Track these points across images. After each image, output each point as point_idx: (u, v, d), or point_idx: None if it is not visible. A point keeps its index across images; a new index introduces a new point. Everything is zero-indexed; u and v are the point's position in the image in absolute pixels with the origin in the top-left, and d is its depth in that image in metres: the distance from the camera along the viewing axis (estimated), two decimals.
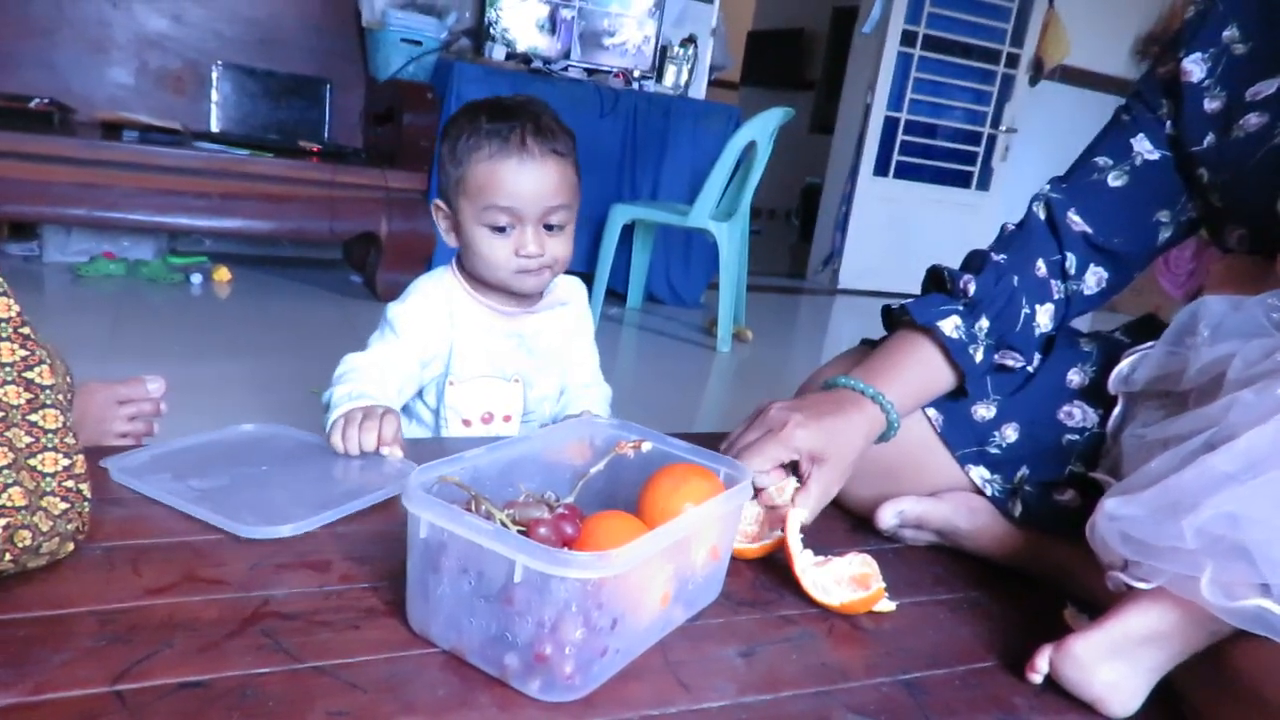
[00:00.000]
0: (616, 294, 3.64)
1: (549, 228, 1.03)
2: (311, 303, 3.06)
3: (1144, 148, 0.93)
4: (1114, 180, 0.93)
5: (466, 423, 1.10)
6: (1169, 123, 0.92)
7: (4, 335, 0.61)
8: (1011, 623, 0.80)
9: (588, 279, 1.88)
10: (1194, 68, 0.90)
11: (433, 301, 1.07)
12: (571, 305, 1.17)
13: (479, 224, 1.02)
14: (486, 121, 1.01)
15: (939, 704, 0.66)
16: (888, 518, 0.90)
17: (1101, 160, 0.95)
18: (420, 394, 1.12)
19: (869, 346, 0.98)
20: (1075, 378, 0.92)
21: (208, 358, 2.35)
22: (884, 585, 0.77)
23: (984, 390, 0.92)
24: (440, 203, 1.08)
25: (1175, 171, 0.92)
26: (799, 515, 0.80)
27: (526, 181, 1.00)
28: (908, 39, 4.57)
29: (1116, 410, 0.86)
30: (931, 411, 0.92)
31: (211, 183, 2.82)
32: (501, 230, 1.02)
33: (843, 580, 0.77)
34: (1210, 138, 0.89)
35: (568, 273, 1.22)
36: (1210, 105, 0.89)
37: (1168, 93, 0.92)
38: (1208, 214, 0.93)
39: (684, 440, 0.79)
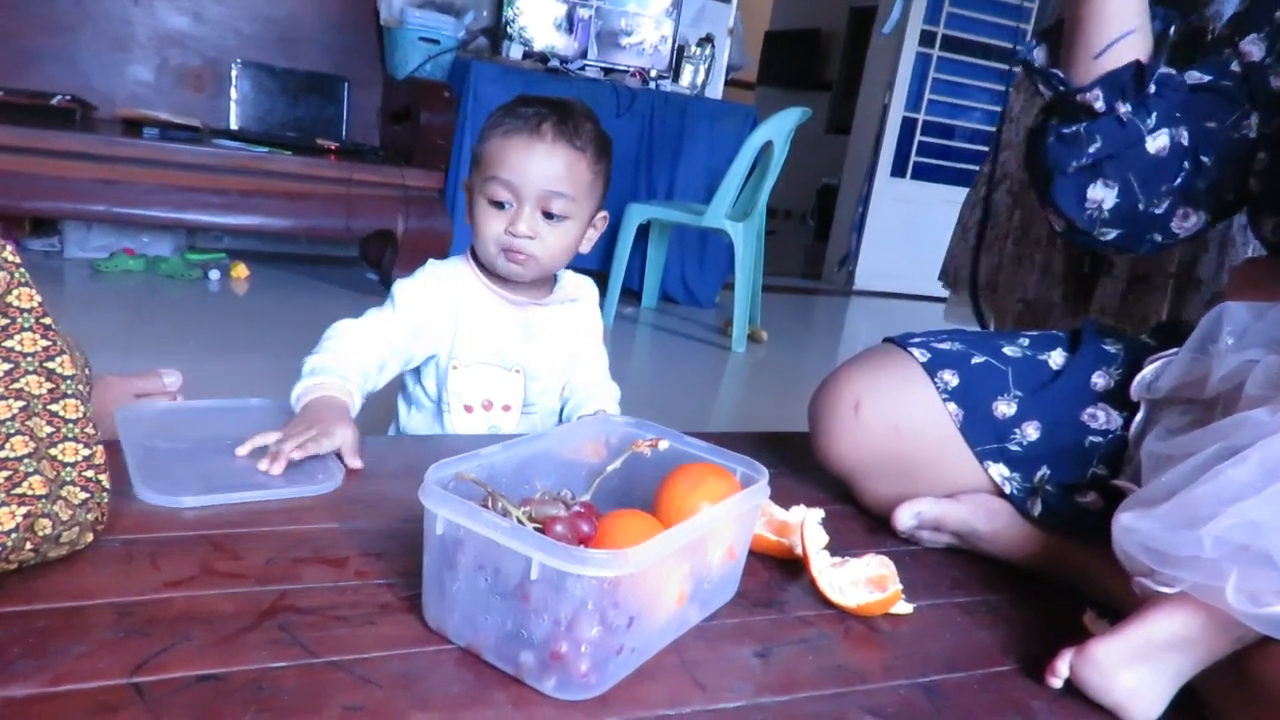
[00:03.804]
0: (631, 293, 3.64)
1: (549, 216, 1.04)
2: (328, 300, 3.07)
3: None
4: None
5: (469, 409, 1.11)
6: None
7: (26, 325, 0.61)
8: (1030, 626, 0.79)
9: (602, 278, 1.90)
10: (1253, 48, 0.89)
11: (440, 281, 1.09)
12: (581, 303, 1.18)
13: (482, 196, 1.05)
14: (519, 106, 1.05)
15: (957, 707, 0.65)
16: (905, 519, 0.89)
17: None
18: (420, 380, 1.13)
19: (890, 344, 0.98)
20: (1100, 380, 0.90)
21: (224, 353, 2.36)
22: (901, 587, 0.76)
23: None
24: (468, 181, 1.10)
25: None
26: (816, 516, 0.79)
27: (532, 161, 1.02)
28: (926, 39, 4.55)
29: (1139, 416, 0.85)
30: (952, 406, 0.91)
31: (230, 180, 2.83)
32: (500, 206, 1.04)
33: (859, 582, 0.77)
34: (1277, 121, 0.88)
35: (582, 272, 1.22)
36: (1275, 83, 0.88)
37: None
38: (1249, 200, 0.92)
39: (700, 439, 0.78)
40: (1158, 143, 0.87)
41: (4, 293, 0.61)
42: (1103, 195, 0.90)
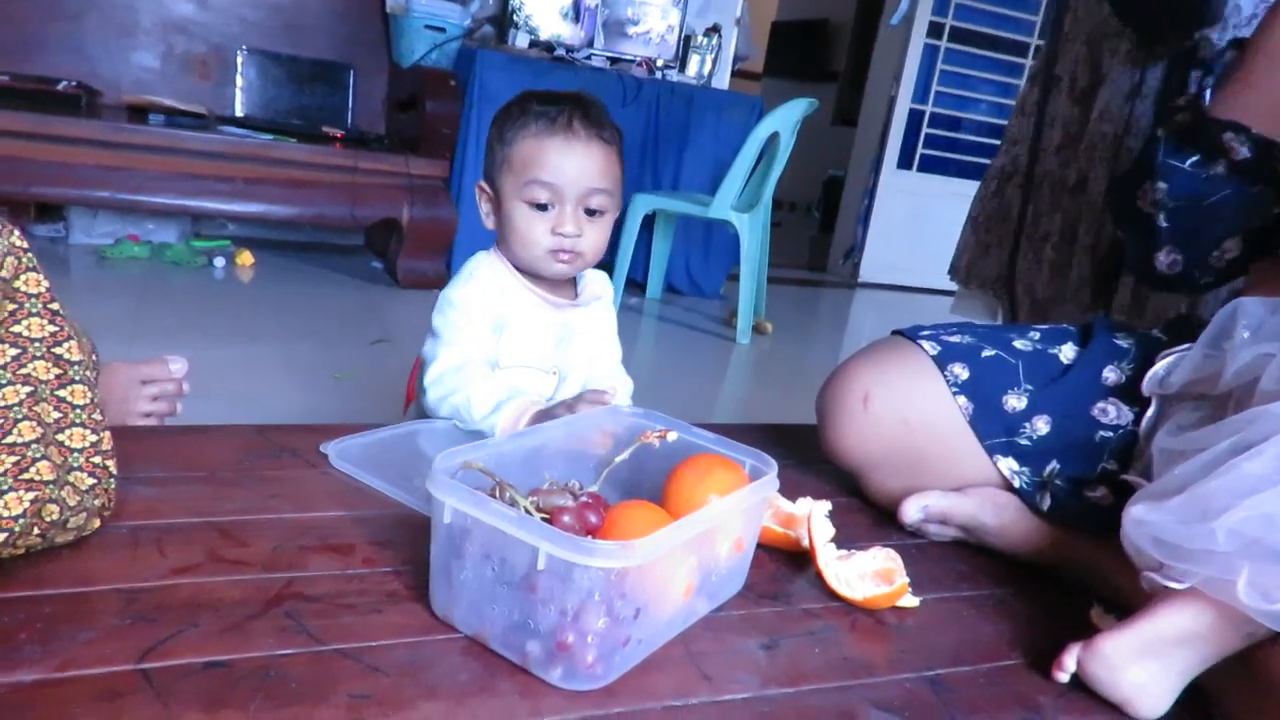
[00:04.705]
0: (636, 284, 3.63)
1: (589, 213, 1.03)
2: (333, 288, 3.07)
3: None
4: None
5: None
6: None
7: (34, 310, 0.61)
8: (1037, 621, 0.79)
9: (608, 269, 1.89)
10: None
11: (495, 283, 1.07)
12: (604, 300, 1.17)
13: (520, 200, 1.02)
14: (536, 105, 1.02)
15: (963, 701, 0.65)
16: (912, 512, 0.89)
17: None
18: None
19: (899, 337, 0.97)
20: (1111, 375, 0.90)
21: (230, 341, 2.36)
22: (908, 580, 0.76)
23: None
24: (484, 184, 1.08)
25: None
26: (823, 508, 0.79)
27: (571, 161, 1.00)
28: (934, 31, 4.52)
29: (1150, 412, 0.85)
30: (962, 399, 0.91)
31: (235, 167, 2.83)
32: (542, 208, 1.02)
33: (866, 575, 0.76)
34: None
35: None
36: None
37: None
38: None
39: (709, 431, 0.78)
40: None
41: (11, 278, 0.61)
42: (1230, 244, 0.91)
